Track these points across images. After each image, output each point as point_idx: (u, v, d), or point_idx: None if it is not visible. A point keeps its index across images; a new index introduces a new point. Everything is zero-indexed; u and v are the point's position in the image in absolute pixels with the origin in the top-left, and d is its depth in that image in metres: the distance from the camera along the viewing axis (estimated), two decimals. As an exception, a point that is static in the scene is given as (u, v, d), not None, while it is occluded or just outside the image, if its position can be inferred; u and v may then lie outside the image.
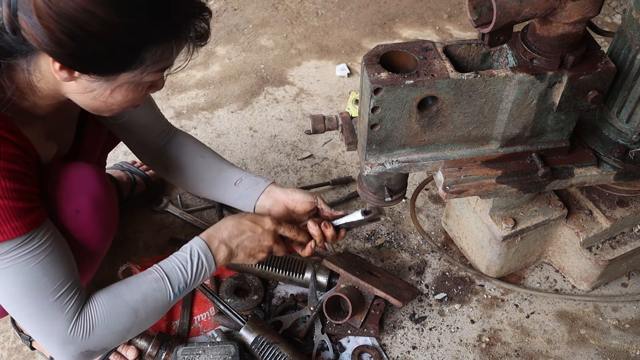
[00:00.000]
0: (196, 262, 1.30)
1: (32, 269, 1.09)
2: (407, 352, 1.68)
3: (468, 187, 1.41)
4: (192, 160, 1.55)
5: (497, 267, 1.76)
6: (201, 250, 1.31)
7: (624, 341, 1.71)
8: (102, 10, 0.90)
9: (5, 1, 0.89)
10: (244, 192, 1.48)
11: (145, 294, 1.24)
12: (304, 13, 2.77)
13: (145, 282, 1.25)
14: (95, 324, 1.18)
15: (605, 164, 1.48)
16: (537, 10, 1.12)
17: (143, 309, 1.24)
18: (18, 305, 1.13)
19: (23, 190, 1.06)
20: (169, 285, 1.27)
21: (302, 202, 1.47)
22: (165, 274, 1.27)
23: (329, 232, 1.44)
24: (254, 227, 1.36)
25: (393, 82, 1.19)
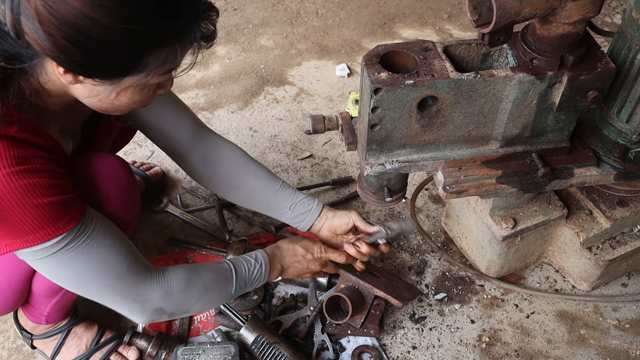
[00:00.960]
0: (258, 269, 1.44)
1: (97, 250, 1.16)
2: (407, 352, 1.68)
3: (468, 187, 1.41)
4: (246, 180, 1.59)
5: (497, 267, 1.76)
6: (264, 261, 1.46)
7: (624, 341, 1.71)
8: (103, 16, 0.89)
9: (8, 5, 0.89)
10: (299, 217, 1.60)
11: (216, 277, 1.36)
12: (304, 13, 2.77)
13: (217, 267, 1.38)
14: (171, 288, 1.28)
15: (605, 164, 1.48)
16: (537, 10, 1.12)
17: (212, 288, 1.35)
18: (94, 284, 1.20)
19: (62, 184, 1.10)
20: (234, 277, 1.38)
21: (340, 226, 1.59)
22: (234, 267, 1.39)
23: (364, 250, 1.55)
24: (305, 254, 1.53)
25: (393, 82, 1.19)
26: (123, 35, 0.93)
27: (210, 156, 1.58)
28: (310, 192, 2.04)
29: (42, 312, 1.50)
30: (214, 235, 1.91)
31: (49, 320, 1.53)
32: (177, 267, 1.32)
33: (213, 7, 1.05)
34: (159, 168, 2.06)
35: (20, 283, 1.37)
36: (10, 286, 1.38)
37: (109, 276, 1.20)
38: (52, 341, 1.59)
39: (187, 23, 1.00)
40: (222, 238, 1.90)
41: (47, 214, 1.06)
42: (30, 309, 1.50)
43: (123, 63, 0.99)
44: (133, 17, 0.92)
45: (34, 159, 1.05)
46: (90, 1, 0.88)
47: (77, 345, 1.59)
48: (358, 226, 1.59)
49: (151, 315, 1.28)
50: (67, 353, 1.59)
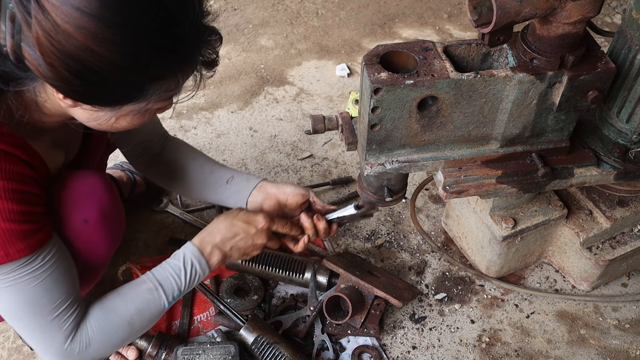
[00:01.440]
0: (189, 270, 1.32)
1: (33, 288, 1.12)
2: (407, 352, 1.68)
3: (468, 187, 1.41)
4: (185, 164, 1.56)
5: (497, 267, 1.76)
6: (194, 257, 1.33)
7: (624, 341, 1.71)
8: (105, 49, 0.88)
9: (9, 31, 0.88)
10: (236, 189, 1.49)
11: (140, 306, 1.27)
12: (304, 13, 2.77)
13: (139, 294, 1.28)
14: (91, 339, 1.22)
15: (605, 164, 1.48)
16: (537, 10, 1.12)
17: (138, 320, 1.28)
18: (18, 321, 1.16)
19: (30, 212, 1.07)
20: (162, 295, 1.29)
21: (294, 195, 1.48)
22: (159, 283, 1.29)
23: (322, 225, 1.44)
24: (247, 228, 1.36)
25: (393, 82, 1.19)
26: (125, 68, 0.92)
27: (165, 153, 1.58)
28: (310, 192, 2.05)
29: None
30: (214, 235, 1.91)
31: (49, 321, 1.53)
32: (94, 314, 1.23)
33: (216, 32, 1.04)
34: (159, 168, 2.05)
35: None
36: None
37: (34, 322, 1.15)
38: (52, 341, 1.58)
39: (188, 54, 1.00)
40: (222, 238, 1.90)
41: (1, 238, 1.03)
42: None
43: (124, 93, 0.99)
44: (135, 51, 0.92)
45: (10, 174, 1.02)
46: (92, 35, 0.87)
47: (76, 345, 1.58)
48: (315, 202, 1.49)
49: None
50: (66, 353, 1.58)
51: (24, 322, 1.16)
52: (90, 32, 0.86)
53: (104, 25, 0.87)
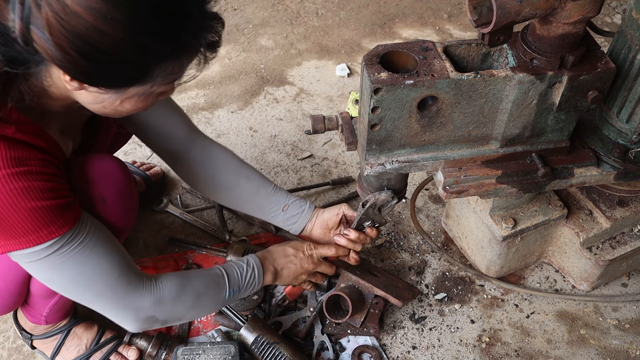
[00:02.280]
0: (250, 273, 1.43)
1: (88, 256, 1.16)
2: (407, 352, 1.68)
3: (468, 187, 1.41)
4: (238, 182, 1.59)
5: (497, 267, 1.76)
6: (256, 265, 1.45)
7: (624, 341, 1.71)
8: (113, 29, 0.90)
9: (18, 14, 0.90)
10: (291, 218, 1.61)
11: (208, 284, 1.36)
12: (304, 13, 2.77)
13: (209, 275, 1.38)
14: (163, 296, 1.27)
15: (605, 164, 1.48)
16: (537, 10, 1.12)
17: (204, 295, 1.35)
18: (85, 289, 1.20)
19: (59, 188, 1.10)
20: (227, 284, 1.38)
21: (330, 219, 1.59)
22: (226, 273, 1.39)
23: (353, 237, 1.54)
24: (295, 253, 1.52)
25: (393, 82, 1.19)
26: (131, 48, 0.94)
27: (203, 158, 1.59)
28: (310, 192, 2.05)
29: (41, 312, 1.49)
30: (214, 235, 1.91)
31: (49, 321, 1.53)
32: (169, 275, 1.32)
33: (218, 17, 1.06)
34: (159, 168, 2.06)
35: (18, 284, 1.37)
36: (7, 287, 1.38)
37: (100, 283, 1.20)
38: (52, 341, 1.59)
39: (193, 36, 1.02)
40: (222, 238, 1.90)
41: (40, 217, 1.06)
42: (29, 309, 1.50)
43: (130, 75, 1.01)
44: (142, 32, 0.93)
45: (31, 160, 1.05)
46: (101, 15, 0.88)
47: (76, 345, 1.59)
48: (347, 215, 1.59)
49: (143, 323, 1.28)
50: (66, 353, 1.59)
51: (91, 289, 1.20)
52: (99, 12, 0.88)
53: (113, 5, 0.89)
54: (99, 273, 1.18)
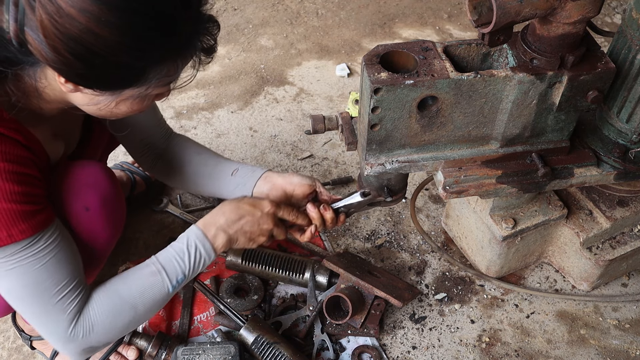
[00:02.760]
0: (194, 253, 1.29)
1: (37, 270, 1.11)
2: (407, 352, 1.68)
3: (468, 187, 1.41)
4: (189, 158, 1.57)
5: (497, 267, 1.76)
6: (198, 239, 1.29)
7: (624, 341, 1.71)
8: (108, 32, 0.90)
9: (12, 15, 0.89)
10: (241, 180, 1.47)
11: (143, 290, 1.25)
12: (304, 13, 2.77)
13: (142, 277, 1.26)
14: (95, 323, 1.20)
15: (605, 164, 1.48)
16: (537, 10, 1.12)
17: (141, 304, 1.25)
18: (23, 304, 1.16)
19: (31, 193, 1.07)
20: (166, 278, 1.26)
21: (301, 185, 1.45)
22: (162, 266, 1.26)
23: (329, 215, 1.42)
24: (252, 211, 1.33)
25: (393, 82, 1.19)
26: (126, 51, 0.94)
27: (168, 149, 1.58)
28: (310, 192, 2.05)
29: None
30: (214, 235, 1.91)
31: (48, 321, 1.52)
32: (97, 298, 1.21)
33: (214, 20, 1.06)
34: (159, 168, 2.05)
35: None
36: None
37: (39, 303, 1.14)
38: (52, 341, 1.58)
39: (188, 39, 1.02)
40: (222, 238, 1.90)
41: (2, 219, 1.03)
42: None
43: (125, 77, 1.00)
44: (137, 35, 0.93)
45: (11, 156, 1.03)
46: (95, 18, 0.88)
47: (76, 345, 1.58)
48: (321, 192, 1.48)
49: (81, 355, 1.22)
50: (67, 353, 1.59)
51: (28, 305, 1.15)
52: (94, 15, 0.88)
53: (107, 8, 0.88)
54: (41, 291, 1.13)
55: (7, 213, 1.04)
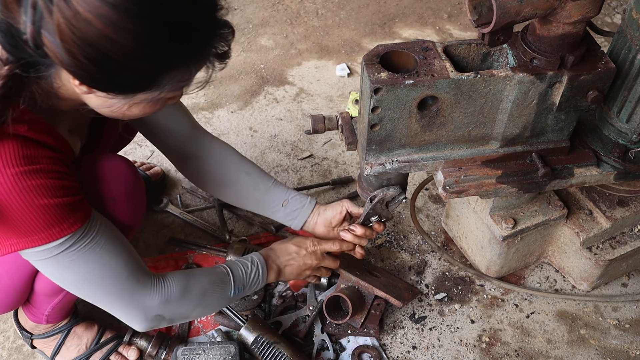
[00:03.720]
0: (255, 271, 1.44)
1: (99, 254, 1.17)
2: (407, 352, 1.68)
3: (468, 187, 1.41)
4: (238, 177, 1.60)
5: (497, 267, 1.76)
6: (260, 263, 1.46)
7: (624, 341, 1.72)
8: (124, 38, 0.91)
9: (30, 17, 0.90)
10: (292, 214, 1.60)
11: (214, 282, 1.37)
12: (304, 13, 2.78)
13: (214, 273, 1.38)
14: (170, 294, 1.28)
15: (605, 164, 1.48)
16: (537, 10, 1.12)
17: (210, 292, 1.36)
18: (94, 287, 1.21)
19: (70, 186, 1.11)
20: (232, 281, 1.39)
21: (334, 216, 1.59)
22: (231, 271, 1.40)
23: (359, 232, 1.54)
24: (298, 251, 1.52)
25: (393, 82, 1.19)
26: (141, 57, 0.95)
27: (204, 155, 1.59)
28: (310, 192, 2.05)
29: (43, 311, 1.50)
30: (214, 235, 1.91)
31: (50, 320, 1.53)
32: (175, 274, 1.32)
33: (229, 25, 1.07)
34: (159, 168, 2.06)
35: (22, 281, 1.38)
36: (12, 284, 1.38)
37: (110, 281, 1.21)
38: (52, 341, 1.59)
39: (203, 46, 1.02)
40: (222, 238, 1.90)
41: (52, 215, 1.07)
42: (31, 308, 1.50)
43: (138, 82, 1.01)
44: (153, 41, 0.94)
45: (43, 159, 1.06)
46: (112, 23, 0.89)
47: (77, 345, 1.59)
48: (351, 211, 1.59)
49: (150, 322, 1.29)
50: (67, 353, 1.59)
51: (101, 287, 1.21)
52: (111, 21, 0.88)
53: (125, 15, 0.89)
54: (109, 271, 1.19)
55: (56, 208, 1.07)
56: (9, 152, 1.01)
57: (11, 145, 1.01)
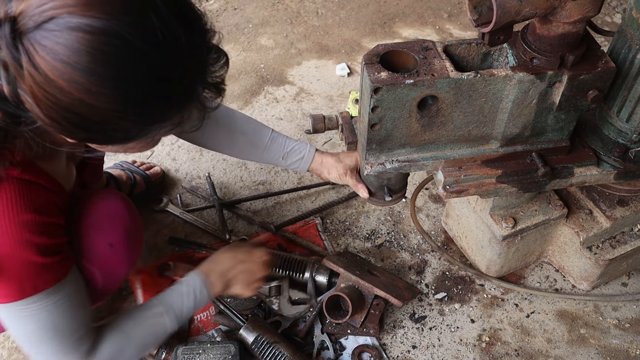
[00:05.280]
0: (193, 297, 1.38)
1: (54, 316, 1.14)
2: (407, 351, 1.68)
3: (468, 187, 1.41)
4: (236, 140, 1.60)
5: (497, 267, 1.76)
6: (198, 285, 1.40)
7: (624, 340, 1.72)
8: (101, 102, 0.85)
9: (5, 79, 0.85)
10: (293, 164, 1.62)
11: (150, 330, 1.34)
12: (304, 12, 2.77)
13: (149, 318, 1.33)
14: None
15: (605, 163, 1.48)
16: (537, 9, 1.12)
17: (148, 342, 1.35)
18: (37, 346, 1.18)
19: (57, 244, 1.10)
20: (168, 319, 1.35)
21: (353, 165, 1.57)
22: (166, 308, 1.35)
23: None
24: (246, 259, 1.46)
25: (393, 82, 1.19)
26: (124, 117, 0.90)
27: None
28: (310, 192, 2.05)
29: None
30: (214, 234, 1.91)
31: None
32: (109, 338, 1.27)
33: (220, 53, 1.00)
34: (158, 168, 2.06)
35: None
36: None
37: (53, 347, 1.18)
38: (52, 341, 1.59)
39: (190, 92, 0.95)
40: (222, 237, 1.90)
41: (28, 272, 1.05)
42: None
43: (127, 136, 0.96)
44: (132, 102, 0.89)
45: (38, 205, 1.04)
46: (86, 89, 0.84)
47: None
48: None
49: None
50: (67, 353, 1.59)
51: (43, 347, 1.18)
52: (84, 86, 0.83)
53: (96, 79, 0.84)
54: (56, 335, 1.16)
55: (33, 266, 1.06)
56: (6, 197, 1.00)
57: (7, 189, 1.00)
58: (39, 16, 0.81)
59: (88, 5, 0.82)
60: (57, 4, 0.81)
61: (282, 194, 2.04)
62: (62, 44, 0.81)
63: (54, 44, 0.81)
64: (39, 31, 0.82)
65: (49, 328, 1.15)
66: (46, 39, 0.81)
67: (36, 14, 0.82)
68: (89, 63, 0.82)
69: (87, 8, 0.82)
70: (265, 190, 2.06)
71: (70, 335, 1.19)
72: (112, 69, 0.84)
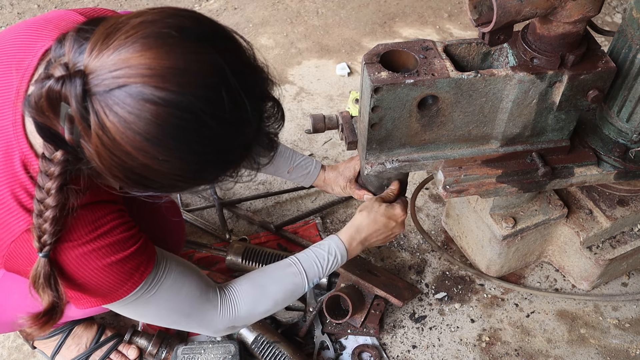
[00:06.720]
0: (332, 260, 1.41)
1: (172, 284, 1.19)
2: (407, 351, 1.68)
3: (468, 187, 1.40)
4: None
5: (497, 267, 1.76)
6: (339, 250, 1.42)
7: (624, 340, 1.72)
8: (166, 167, 0.88)
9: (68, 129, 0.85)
10: (298, 179, 1.64)
11: (285, 287, 1.37)
12: (304, 12, 2.77)
13: (285, 276, 1.37)
14: (239, 309, 1.31)
15: (605, 163, 1.48)
16: (537, 9, 1.12)
17: (282, 298, 1.37)
18: (173, 315, 1.24)
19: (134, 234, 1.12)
20: (305, 279, 1.38)
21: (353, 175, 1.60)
22: (303, 269, 1.38)
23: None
24: (387, 223, 1.46)
25: (393, 82, 1.19)
26: (182, 180, 0.93)
27: None
28: (310, 192, 2.04)
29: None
30: (214, 234, 1.91)
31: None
32: (245, 286, 1.33)
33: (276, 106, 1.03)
34: (159, 167, 2.06)
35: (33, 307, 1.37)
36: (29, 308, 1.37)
37: (186, 306, 1.24)
38: (53, 341, 1.59)
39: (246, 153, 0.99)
40: (222, 237, 1.90)
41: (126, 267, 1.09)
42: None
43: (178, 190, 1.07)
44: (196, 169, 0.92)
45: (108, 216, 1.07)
46: (152, 156, 0.86)
47: (77, 344, 1.59)
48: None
49: (225, 332, 1.34)
50: (67, 352, 1.59)
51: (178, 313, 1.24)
52: (151, 154, 0.86)
53: (164, 150, 0.86)
54: (184, 297, 1.22)
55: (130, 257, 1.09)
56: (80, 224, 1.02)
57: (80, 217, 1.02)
58: (111, 81, 0.82)
59: (162, 78, 0.82)
60: (132, 72, 0.81)
61: (282, 194, 2.04)
62: (134, 114, 0.82)
63: (126, 113, 0.82)
64: (110, 96, 0.82)
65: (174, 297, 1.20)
66: (117, 106, 0.82)
67: (108, 78, 0.82)
68: (159, 134, 0.84)
69: (162, 80, 0.82)
70: (265, 189, 2.06)
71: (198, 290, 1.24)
72: (181, 142, 0.87)
